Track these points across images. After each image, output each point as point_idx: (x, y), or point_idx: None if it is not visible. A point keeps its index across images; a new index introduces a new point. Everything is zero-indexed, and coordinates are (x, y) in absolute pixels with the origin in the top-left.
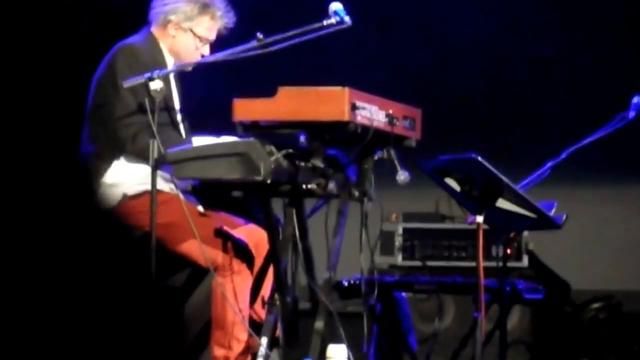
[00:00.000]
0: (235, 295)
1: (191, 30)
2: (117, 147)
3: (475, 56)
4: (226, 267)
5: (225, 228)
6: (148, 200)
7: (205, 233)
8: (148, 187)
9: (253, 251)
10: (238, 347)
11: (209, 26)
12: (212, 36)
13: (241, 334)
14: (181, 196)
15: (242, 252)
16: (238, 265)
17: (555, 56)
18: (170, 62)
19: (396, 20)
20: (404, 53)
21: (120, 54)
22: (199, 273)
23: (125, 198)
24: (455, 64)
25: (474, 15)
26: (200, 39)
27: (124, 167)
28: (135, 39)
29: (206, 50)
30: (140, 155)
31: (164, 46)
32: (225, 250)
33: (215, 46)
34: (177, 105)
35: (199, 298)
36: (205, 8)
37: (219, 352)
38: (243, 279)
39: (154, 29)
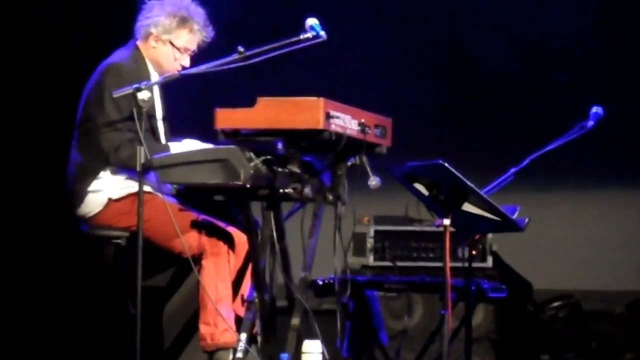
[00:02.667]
0: (218, 276)
1: (170, 42)
2: (102, 159)
3: (443, 68)
4: (208, 251)
5: (203, 217)
6: (130, 201)
7: (185, 224)
8: (130, 189)
9: (232, 252)
10: (222, 325)
11: (187, 39)
12: (191, 47)
13: (224, 312)
14: (161, 196)
15: (221, 235)
16: (218, 248)
17: (518, 67)
18: (154, 74)
19: (369, 33)
20: (377, 64)
21: (107, 73)
22: (183, 271)
23: (110, 202)
24: (424, 76)
25: (443, 28)
26: (179, 49)
27: (107, 176)
28: (121, 56)
29: (186, 61)
30: (123, 166)
31: (148, 59)
32: (205, 236)
33: (199, 59)
34: (159, 113)
35: (182, 295)
36: (183, 22)
37: (204, 330)
38: (224, 259)
39: (139, 42)
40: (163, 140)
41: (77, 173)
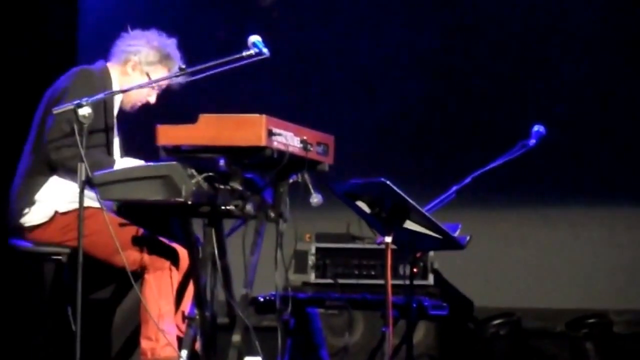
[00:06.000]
0: (160, 291)
1: (147, 75)
2: (49, 163)
3: (384, 87)
4: (150, 265)
5: (145, 232)
6: (76, 217)
7: (127, 239)
8: (77, 205)
9: (175, 267)
10: (163, 339)
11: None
12: (163, 85)
13: (167, 327)
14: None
15: (164, 250)
16: (161, 263)
17: (459, 84)
18: (118, 98)
19: (313, 51)
20: (320, 82)
21: (77, 75)
22: (126, 286)
23: (56, 214)
24: (366, 94)
25: (385, 44)
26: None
27: (56, 184)
28: (92, 67)
29: (153, 97)
30: (62, 166)
31: (115, 81)
32: (147, 251)
33: None
34: (115, 127)
35: (125, 309)
36: (165, 59)
37: (145, 345)
38: (166, 275)
39: (112, 64)
40: (117, 154)
41: (26, 179)
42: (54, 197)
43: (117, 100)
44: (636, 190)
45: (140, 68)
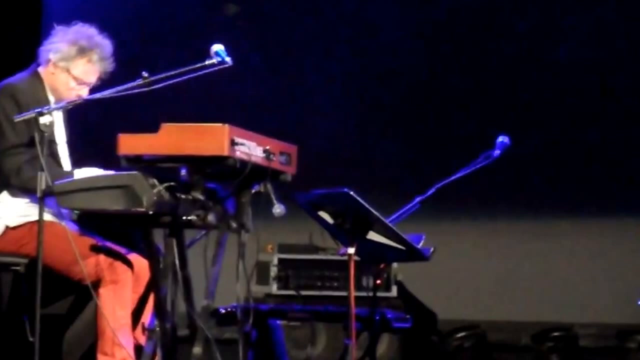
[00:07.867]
0: (117, 303)
1: (67, 70)
2: (1, 181)
3: (348, 96)
4: (106, 278)
5: (101, 242)
6: (28, 229)
7: (84, 251)
8: (28, 218)
9: (134, 279)
10: (120, 354)
11: (85, 69)
12: (89, 79)
13: (123, 341)
14: (63, 222)
15: (120, 262)
16: (117, 275)
17: (424, 94)
18: (52, 99)
19: (278, 60)
20: (283, 95)
21: (1, 94)
22: (82, 299)
23: (7, 229)
24: (330, 104)
25: (351, 54)
26: (76, 79)
27: (5, 199)
28: (18, 77)
29: (84, 92)
30: (24, 188)
31: (47, 83)
32: (103, 262)
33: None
34: (61, 138)
35: (82, 322)
36: (82, 51)
37: (102, 359)
38: (123, 286)
39: (40, 67)
40: (65, 164)
41: None
42: (3, 212)
43: (52, 103)
44: (603, 203)
45: (59, 66)
